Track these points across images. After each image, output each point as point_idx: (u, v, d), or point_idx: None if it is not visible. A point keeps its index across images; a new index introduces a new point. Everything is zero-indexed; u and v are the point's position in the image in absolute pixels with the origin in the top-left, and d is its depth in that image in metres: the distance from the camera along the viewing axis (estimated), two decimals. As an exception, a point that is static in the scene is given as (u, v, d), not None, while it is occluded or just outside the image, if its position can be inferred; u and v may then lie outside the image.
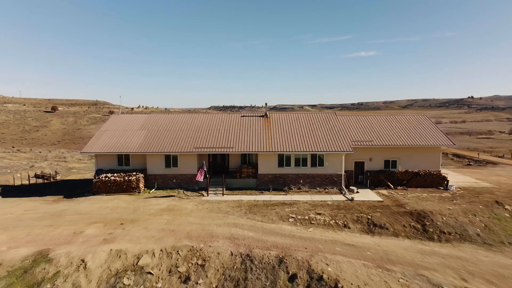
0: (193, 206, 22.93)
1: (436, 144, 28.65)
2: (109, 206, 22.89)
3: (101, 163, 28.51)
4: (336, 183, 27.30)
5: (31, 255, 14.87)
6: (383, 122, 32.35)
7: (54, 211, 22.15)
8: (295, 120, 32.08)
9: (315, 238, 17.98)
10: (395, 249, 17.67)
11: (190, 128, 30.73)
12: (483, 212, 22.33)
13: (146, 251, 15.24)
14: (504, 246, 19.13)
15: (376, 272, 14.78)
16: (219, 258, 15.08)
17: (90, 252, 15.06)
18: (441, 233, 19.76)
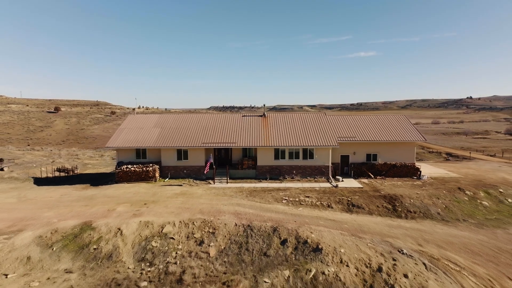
0: (202, 191, 26.20)
1: (411, 140, 31.91)
2: (132, 191, 26.14)
3: (122, 156, 31.75)
4: (324, 173, 30.56)
5: (78, 225, 18.14)
6: (366, 120, 35.59)
7: (86, 195, 25.42)
8: (289, 119, 35.31)
9: (303, 215, 21.26)
10: (367, 223, 20.95)
11: (198, 126, 33.95)
12: (446, 196, 25.60)
13: (168, 222, 18.51)
14: (459, 222, 22.41)
15: (350, 238, 18.07)
16: (226, 227, 18.36)
17: (124, 222, 18.34)
18: (408, 212, 23.04)
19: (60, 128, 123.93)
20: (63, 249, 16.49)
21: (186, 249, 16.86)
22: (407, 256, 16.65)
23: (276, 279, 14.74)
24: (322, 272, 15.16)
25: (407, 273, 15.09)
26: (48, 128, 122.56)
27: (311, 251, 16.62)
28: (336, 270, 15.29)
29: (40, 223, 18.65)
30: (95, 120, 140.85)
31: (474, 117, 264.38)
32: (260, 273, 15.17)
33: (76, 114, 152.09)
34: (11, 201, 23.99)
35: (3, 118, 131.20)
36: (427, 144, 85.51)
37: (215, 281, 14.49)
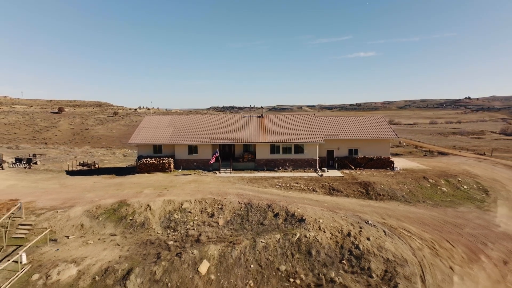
0: (210, 179, 30.17)
1: (386, 137, 35.90)
2: (152, 179, 30.10)
3: (141, 151, 35.69)
4: (312, 165, 34.52)
5: (115, 202, 22.14)
6: (349, 120, 39.56)
7: (114, 182, 29.39)
8: (283, 119, 39.26)
9: (292, 196, 25.26)
10: (344, 203, 24.96)
11: (205, 125, 37.88)
12: (411, 183, 29.60)
13: (185, 200, 22.50)
14: (419, 203, 26.39)
15: (328, 213, 22.08)
16: (231, 204, 22.36)
17: (151, 200, 22.33)
18: (378, 195, 27.03)
19: (65, 128, 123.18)
20: (107, 219, 20.50)
21: (201, 220, 20.88)
22: (371, 225, 20.65)
23: (269, 240, 18.72)
24: (305, 236, 19.14)
25: (369, 237, 19.09)
26: (54, 128, 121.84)
27: (297, 221, 20.63)
28: (315, 234, 19.28)
29: (85, 201, 22.65)
30: (98, 121, 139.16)
31: (471, 118, 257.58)
32: (258, 236, 19.15)
33: (79, 114, 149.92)
34: (55, 187, 27.96)
35: (9, 118, 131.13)
36: (421, 144, 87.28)
37: (223, 241, 18.48)
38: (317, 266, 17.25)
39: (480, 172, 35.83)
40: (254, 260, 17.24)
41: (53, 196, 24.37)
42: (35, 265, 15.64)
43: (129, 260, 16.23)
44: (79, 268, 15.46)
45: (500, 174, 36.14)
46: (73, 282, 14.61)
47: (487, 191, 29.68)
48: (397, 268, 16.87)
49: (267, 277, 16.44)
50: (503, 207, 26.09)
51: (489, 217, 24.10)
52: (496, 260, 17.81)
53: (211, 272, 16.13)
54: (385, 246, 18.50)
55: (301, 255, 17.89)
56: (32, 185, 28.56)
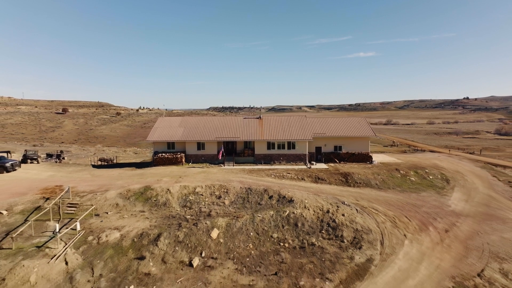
0: (217, 170, 34.16)
1: (366, 136, 39.90)
2: (168, 170, 34.07)
3: (156, 148, 39.64)
4: (303, 159, 38.50)
5: (142, 187, 26.14)
6: (335, 121, 43.56)
7: (136, 173, 33.37)
8: (279, 120, 43.23)
9: (284, 183, 29.27)
10: (326, 189, 28.98)
11: (211, 125, 41.82)
12: (384, 173, 33.63)
13: (198, 186, 26.50)
14: (389, 189, 30.40)
15: (312, 196, 26.07)
16: (234, 189, 26.37)
17: (170, 186, 26.33)
18: (355, 183, 31.05)
19: (70, 128, 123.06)
20: (136, 200, 24.51)
21: (210, 201, 24.90)
22: (346, 205, 24.67)
23: (265, 215, 22.72)
24: (293, 212, 23.13)
25: (344, 213, 23.10)
26: (59, 128, 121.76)
27: (287, 202, 24.64)
28: (301, 211, 23.28)
29: (117, 187, 26.65)
30: (102, 121, 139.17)
31: (469, 118, 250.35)
32: (256, 212, 23.16)
33: (82, 115, 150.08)
34: (87, 176, 31.92)
35: (15, 119, 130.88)
36: (414, 143, 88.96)
37: (229, 215, 22.49)
38: (302, 234, 21.25)
39: (447, 165, 39.87)
40: (253, 229, 21.25)
41: (89, 183, 28.36)
42: (87, 231, 19.63)
43: (157, 228, 20.25)
44: (121, 233, 19.46)
45: (463, 167, 40.23)
46: (118, 242, 18.62)
47: (448, 180, 33.72)
48: (363, 235, 20.89)
49: (263, 241, 20.45)
50: (458, 193, 30.16)
51: (444, 200, 28.16)
52: (440, 230, 21.86)
53: (220, 237, 20.14)
54: (356, 220, 22.52)
55: (290, 226, 21.90)
56: (68, 175, 32.53)
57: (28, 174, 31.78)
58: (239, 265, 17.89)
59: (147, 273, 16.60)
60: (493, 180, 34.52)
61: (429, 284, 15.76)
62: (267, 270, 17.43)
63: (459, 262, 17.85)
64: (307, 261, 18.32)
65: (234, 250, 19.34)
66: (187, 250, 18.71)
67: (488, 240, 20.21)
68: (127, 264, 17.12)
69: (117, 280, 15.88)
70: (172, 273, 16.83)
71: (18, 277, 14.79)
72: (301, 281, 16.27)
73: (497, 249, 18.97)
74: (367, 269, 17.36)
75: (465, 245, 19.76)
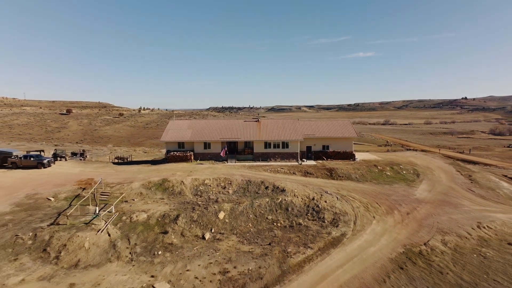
0: (221, 166, 38.09)
1: (349, 136, 43.88)
2: (179, 166, 37.96)
3: (169, 147, 43.51)
4: (295, 157, 42.44)
5: (160, 179, 30.08)
6: (323, 123, 47.52)
7: (153, 169, 37.27)
8: (274, 122, 47.14)
9: (278, 177, 33.23)
10: (313, 181, 32.93)
11: (216, 127, 45.69)
12: (364, 169, 37.59)
13: (206, 178, 30.45)
14: (367, 181, 34.35)
15: (301, 186, 30.00)
16: (236, 181, 30.31)
17: (183, 178, 30.28)
18: (338, 176, 35.01)
19: (75, 128, 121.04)
20: (156, 189, 28.46)
21: (217, 190, 28.86)
22: (328, 194, 28.60)
23: (262, 201, 26.64)
24: (284, 199, 27.06)
25: (326, 200, 27.04)
26: (64, 128, 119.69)
27: (280, 191, 28.58)
28: (291, 198, 27.22)
29: (139, 179, 30.59)
30: (105, 122, 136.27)
31: (466, 118, 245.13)
32: (254, 199, 27.09)
33: (86, 115, 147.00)
34: (112, 171, 35.81)
35: (21, 119, 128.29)
36: (407, 143, 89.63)
37: (232, 201, 26.43)
38: (291, 216, 25.21)
39: (420, 162, 43.85)
40: (252, 212, 25.20)
41: (115, 177, 32.27)
42: (120, 213, 23.55)
43: (176, 210, 24.19)
44: (147, 214, 23.39)
45: (434, 163, 44.25)
46: (145, 220, 22.56)
47: (419, 175, 37.71)
48: (341, 217, 24.85)
49: (260, 221, 24.39)
50: (424, 184, 34.18)
51: (412, 190, 32.17)
52: (402, 213, 25.85)
53: (226, 218, 24.09)
54: (335, 205, 26.47)
55: (282, 210, 25.85)
56: (95, 170, 36.41)
57: (62, 170, 35.66)
58: (241, 238, 21.86)
59: (170, 243, 20.56)
60: (456, 174, 38.56)
61: (385, 250, 19.74)
62: (263, 241, 21.39)
63: (412, 235, 21.84)
64: (294, 235, 22.28)
65: (237, 227, 23.30)
66: (200, 227, 22.67)
67: (438, 220, 24.22)
68: (154, 236, 21.08)
69: (148, 248, 19.84)
70: (189, 243, 20.78)
71: (75, 244, 18.73)
72: (289, 249, 20.23)
73: (443, 226, 22.97)
74: (340, 240, 21.34)
75: (420, 223, 23.76)
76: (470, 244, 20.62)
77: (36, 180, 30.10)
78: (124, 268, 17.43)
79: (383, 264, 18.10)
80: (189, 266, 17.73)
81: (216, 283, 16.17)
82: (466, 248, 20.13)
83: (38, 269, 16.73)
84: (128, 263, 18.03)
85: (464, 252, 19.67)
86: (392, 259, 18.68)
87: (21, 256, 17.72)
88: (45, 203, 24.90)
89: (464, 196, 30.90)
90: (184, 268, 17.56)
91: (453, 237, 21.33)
